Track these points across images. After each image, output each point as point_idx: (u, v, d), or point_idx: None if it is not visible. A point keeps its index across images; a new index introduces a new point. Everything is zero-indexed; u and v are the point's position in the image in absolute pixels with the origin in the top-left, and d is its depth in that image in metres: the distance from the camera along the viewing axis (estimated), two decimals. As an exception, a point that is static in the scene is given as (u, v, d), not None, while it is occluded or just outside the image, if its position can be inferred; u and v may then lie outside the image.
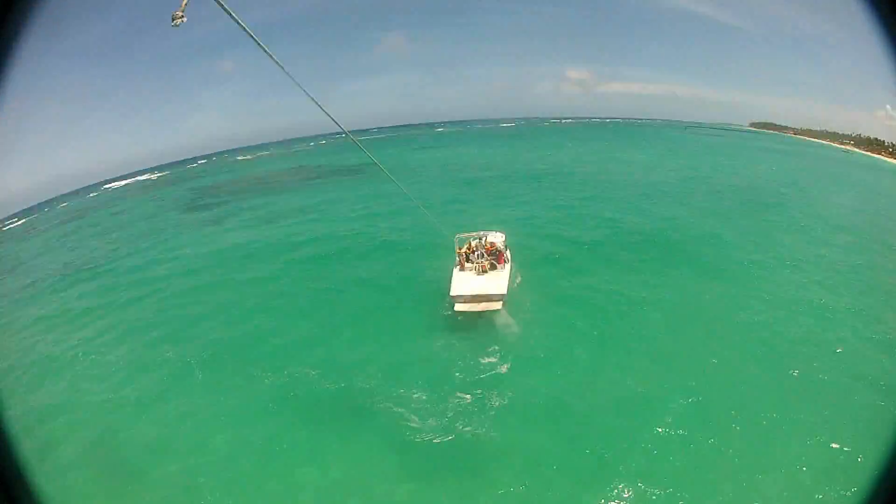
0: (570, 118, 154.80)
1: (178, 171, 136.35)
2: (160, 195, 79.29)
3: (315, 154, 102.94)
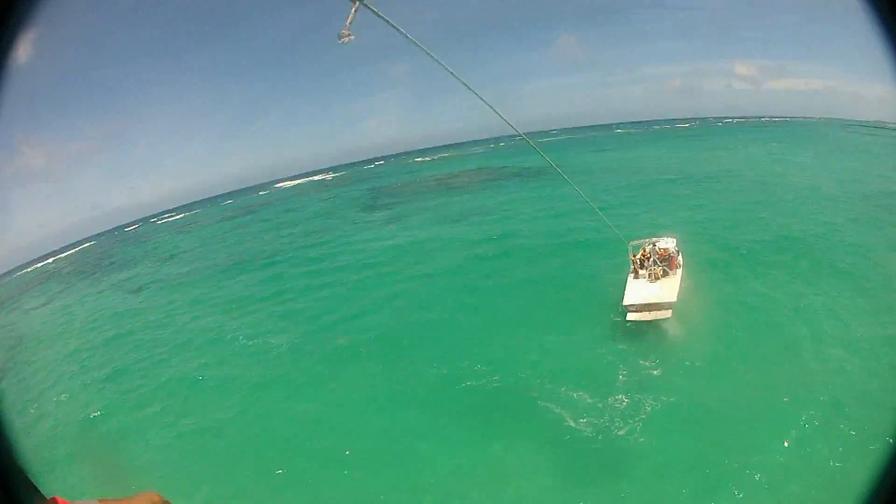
0: (741, 117, 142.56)
1: (354, 171, 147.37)
2: (336, 194, 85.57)
3: (492, 156, 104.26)
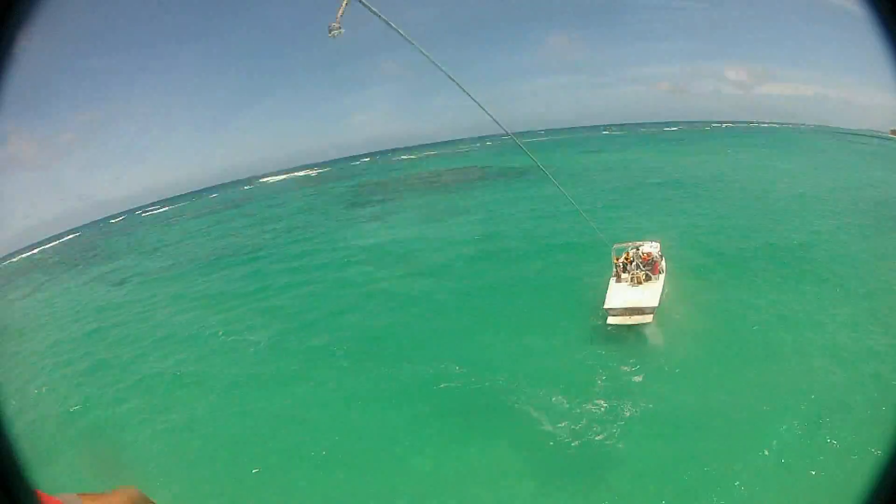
0: (730, 121, 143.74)
1: (339, 167, 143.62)
2: (320, 191, 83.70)
3: (478, 156, 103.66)
